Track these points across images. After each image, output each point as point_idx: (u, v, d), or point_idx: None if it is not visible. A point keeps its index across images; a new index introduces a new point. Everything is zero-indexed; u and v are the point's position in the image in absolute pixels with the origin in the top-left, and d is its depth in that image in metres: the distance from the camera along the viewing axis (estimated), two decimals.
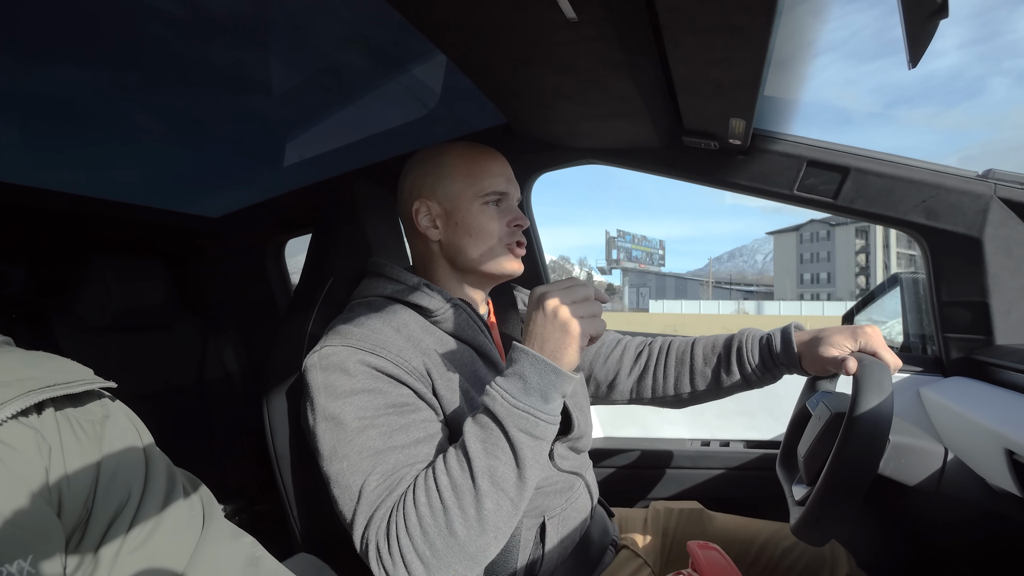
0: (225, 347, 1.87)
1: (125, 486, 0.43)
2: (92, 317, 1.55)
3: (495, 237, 0.90)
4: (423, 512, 0.66)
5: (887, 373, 0.73)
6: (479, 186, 0.90)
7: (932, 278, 1.19)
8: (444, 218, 0.91)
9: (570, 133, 1.25)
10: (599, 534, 0.99)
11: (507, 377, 0.71)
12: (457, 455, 0.69)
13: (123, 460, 0.44)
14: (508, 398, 0.68)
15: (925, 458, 0.72)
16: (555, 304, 0.71)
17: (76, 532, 0.40)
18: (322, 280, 1.02)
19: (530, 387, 0.69)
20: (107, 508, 0.42)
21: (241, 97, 1.27)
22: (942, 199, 1.13)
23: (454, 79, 1.16)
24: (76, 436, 0.42)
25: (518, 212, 0.93)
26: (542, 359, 0.69)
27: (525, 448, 0.68)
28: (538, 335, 0.72)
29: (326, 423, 0.74)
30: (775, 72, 0.98)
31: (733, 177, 1.26)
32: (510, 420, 0.68)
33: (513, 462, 0.68)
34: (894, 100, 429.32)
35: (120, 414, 0.48)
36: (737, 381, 1.01)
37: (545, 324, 0.71)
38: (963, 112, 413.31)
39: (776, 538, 1.05)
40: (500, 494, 0.67)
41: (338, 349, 0.77)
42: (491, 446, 0.68)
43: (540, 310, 0.72)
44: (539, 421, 0.68)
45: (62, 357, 0.46)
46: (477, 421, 0.70)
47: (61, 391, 0.42)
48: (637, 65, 0.89)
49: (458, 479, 0.67)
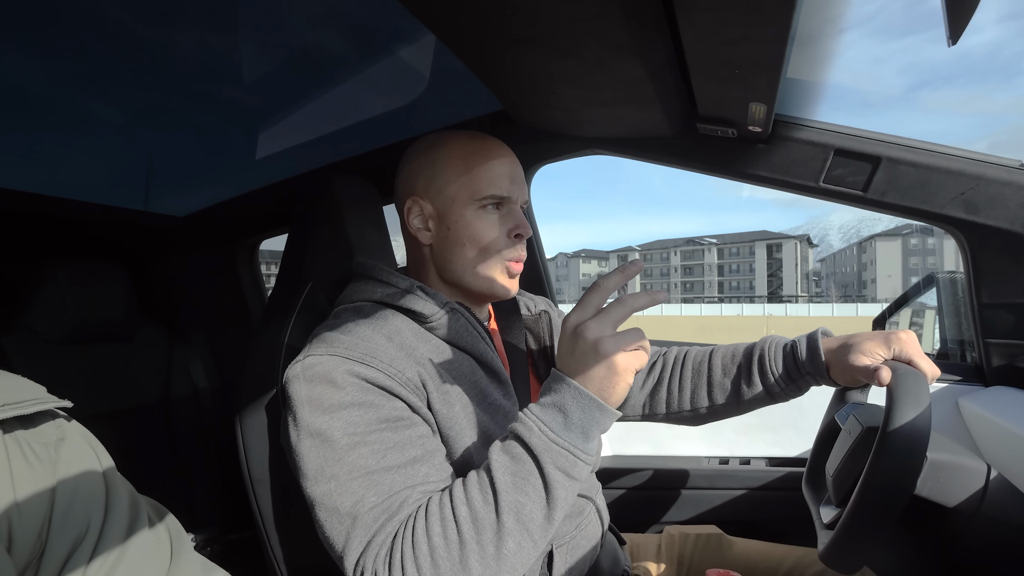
0: (193, 360, 1.86)
1: (84, 516, 0.43)
2: (45, 328, 1.54)
3: (490, 250, 0.88)
4: (436, 543, 0.65)
5: (924, 383, 0.73)
6: (476, 188, 0.87)
7: (972, 278, 1.20)
8: (436, 221, 0.89)
9: (572, 121, 1.25)
10: (609, 563, 0.99)
11: (544, 407, 0.69)
12: (481, 484, 0.68)
13: (81, 487, 0.44)
14: (547, 432, 0.67)
15: (966, 476, 0.72)
16: (595, 337, 0.68)
17: (29, 569, 0.40)
18: (300, 285, 1.02)
19: (571, 422, 0.67)
20: (64, 541, 0.41)
21: (208, 85, 1.27)
22: (982, 191, 1.13)
23: (445, 62, 1.17)
24: (27, 461, 0.42)
25: (520, 219, 0.90)
26: (586, 393, 0.67)
27: (559, 488, 0.67)
28: (578, 371, 0.69)
29: (311, 440, 0.73)
30: (798, 51, 0.99)
31: (752, 168, 1.26)
32: (547, 456, 0.66)
33: (544, 501, 0.67)
34: (920, 82, 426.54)
35: (77, 436, 0.48)
36: (759, 393, 1.01)
37: (586, 360, 0.68)
38: (1003, 94, 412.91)
39: (802, 565, 1.05)
40: (524, 533, 0.66)
41: (324, 359, 0.76)
42: (522, 481, 0.67)
43: (578, 344, 0.69)
44: (578, 460, 0.67)
45: (11, 373, 0.46)
46: (507, 450, 0.69)
47: (11, 412, 0.42)
48: (646, 45, 0.89)
49: (480, 512, 0.66)
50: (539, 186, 30.18)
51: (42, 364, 1.52)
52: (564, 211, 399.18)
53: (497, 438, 0.83)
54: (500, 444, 0.70)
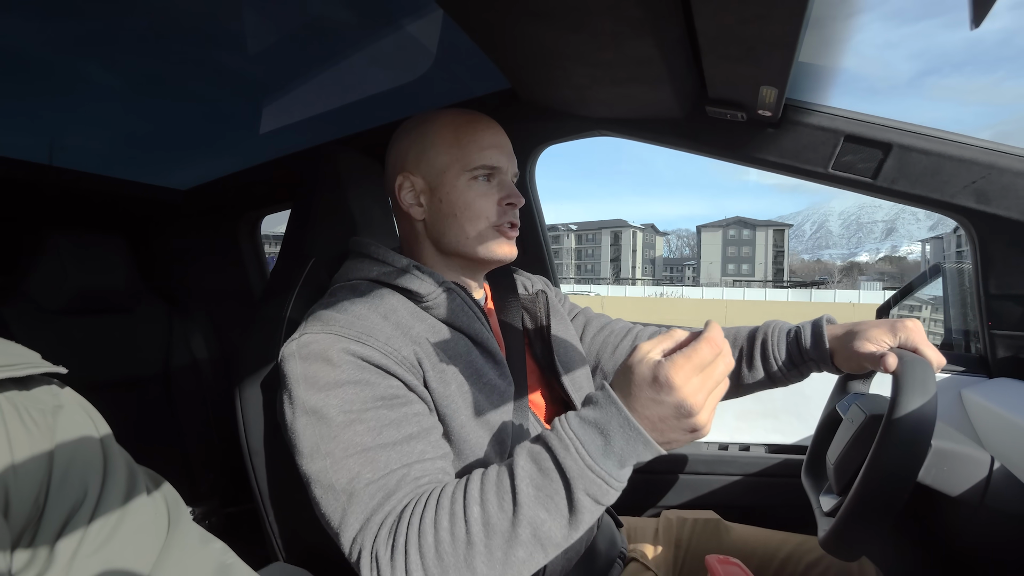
0: (193, 333, 1.87)
1: (81, 482, 0.43)
2: (46, 299, 1.54)
3: (483, 217, 0.88)
4: (443, 537, 0.64)
5: (931, 371, 0.73)
6: (467, 159, 0.88)
7: (979, 268, 1.19)
8: (428, 195, 0.90)
9: (580, 100, 1.24)
10: (606, 545, 0.99)
11: (585, 424, 0.64)
12: (499, 488, 0.65)
13: (78, 453, 0.44)
14: (584, 456, 0.62)
15: (970, 466, 0.71)
16: (680, 382, 0.61)
17: (26, 533, 0.40)
18: (302, 261, 1.01)
19: (611, 450, 0.63)
20: (61, 506, 0.41)
21: (212, 54, 1.26)
22: (994, 180, 1.12)
23: (452, 37, 1.15)
24: (25, 426, 0.41)
25: (512, 189, 0.91)
26: (636, 426, 0.62)
27: (586, 512, 0.64)
28: (643, 407, 0.63)
29: (307, 417, 0.73)
30: (810, 34, 0.97)
31: (761, 152, 1.25)
32: (580, 482, 0.62)
33: (567, 521, 0.64)
34: (930, 68, 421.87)
35: (74, 404, 0.47)
36: (761, 378, 1.01)
37: (659, 402, 0.62)
38: (1013, 82, 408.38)
39: (799, 552, 1.06)
40: (537, 546, 0.64)
41: (319, 337, 0.76)
42: (546, 498, 0.64)
43: (652, 383, 0.62)
44: (610, 489, 0.63)
45: (4, 339, 0.45)
46: (536, 460, 0.65)
47: (5, 373, 0.41)
48: (659, 22, 0.87)
49: (494, 517, 0.64)
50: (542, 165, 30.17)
51: (42, 334, 1.52)
52: (566, 191, 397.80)
53: (491, 417, 0.83)
54: (528, 448, 0.67)
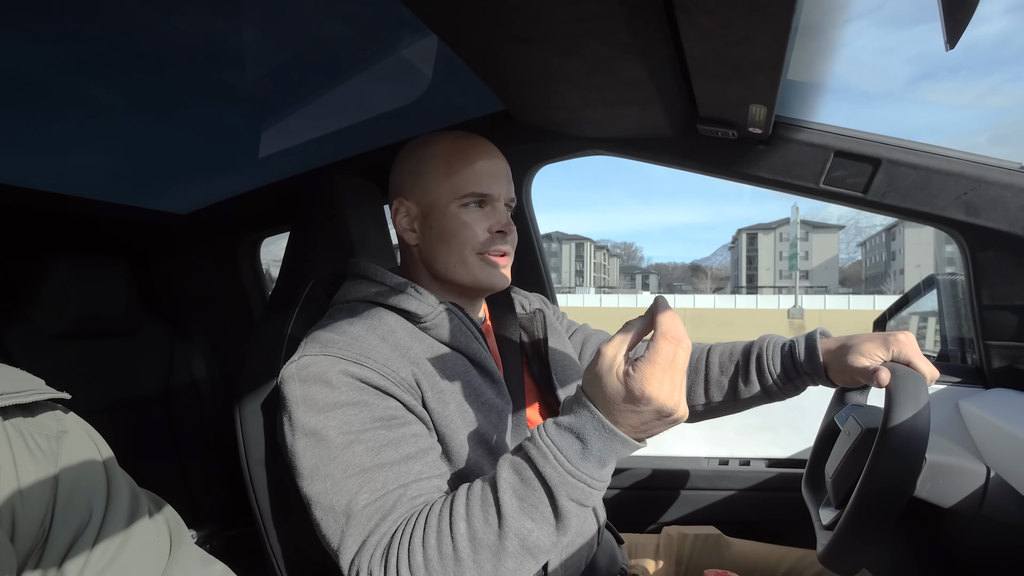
0: (194, 355, 1.87)
1: (86, 505, 0.43)
2: (47, 323, 1.55)
3: (468, 245, 0.88)
4: (431, 556, 0.64)
5: (923, 385, 0.73)
6: (457, 186, 0.88)
7: (972, 280, 1.20)
8: (421, 220, 0.91)
9: (574, 120, 1.26)
10: (607, 562, 0.99)
11: (561, 430, 0.65)
12: (483, 502, 0.66)
13: (83, 477, 0.44)
14: (563, 462, 0.63)
15: (965, 478, 0.72)
16: (654, 391, 0.61)
17: (32, 557, 0.40)
18: (301, 282, 1.02)
19: (589, 452, 0.64)
20: (66, 529, 0.42)
21: (213, 77, 1.27)
22: (983, 193, 1.13)
23: (448, 61, 1.17)
24: (30, 451, 0.42)
25: (503, 216, 0.90)
26: (610, 427, 0.63)
27: (572, 517, 0.65)
28: (624, 418, 0.63)
29: (306, 439, 0.74)
30: (801, 46, 0.98)
31: (753, 169, 1.26)
32: (562, 488, 0.63)
33: (553, 529, 0.65)
34: (925, 73, 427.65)
35: (78, 429, 0.48)
36: (756, 393, 1.01)
37: (638, 412, 0.62)
38: (1009, 86, 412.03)
39: (801, 566, 1.05)
40: (526, 557, 0.65)
41: (318, 359, 0.77)
42: (530, 508, 0.64)
43: (627, 398, 0.62)
44: (592, 491, 0.64)
45: (8, 366, 0.46)
46: (517, 470, 0.66)
47: (10, 400, 0.42)
48: (648, 46, 0.89)
49: (480, 531, 0.64)
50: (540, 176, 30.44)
51: (44, 358, 1.52)
52: (565, 200, 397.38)
53: (490, 436, 0.83)
54: (510, 460, 0.67)
